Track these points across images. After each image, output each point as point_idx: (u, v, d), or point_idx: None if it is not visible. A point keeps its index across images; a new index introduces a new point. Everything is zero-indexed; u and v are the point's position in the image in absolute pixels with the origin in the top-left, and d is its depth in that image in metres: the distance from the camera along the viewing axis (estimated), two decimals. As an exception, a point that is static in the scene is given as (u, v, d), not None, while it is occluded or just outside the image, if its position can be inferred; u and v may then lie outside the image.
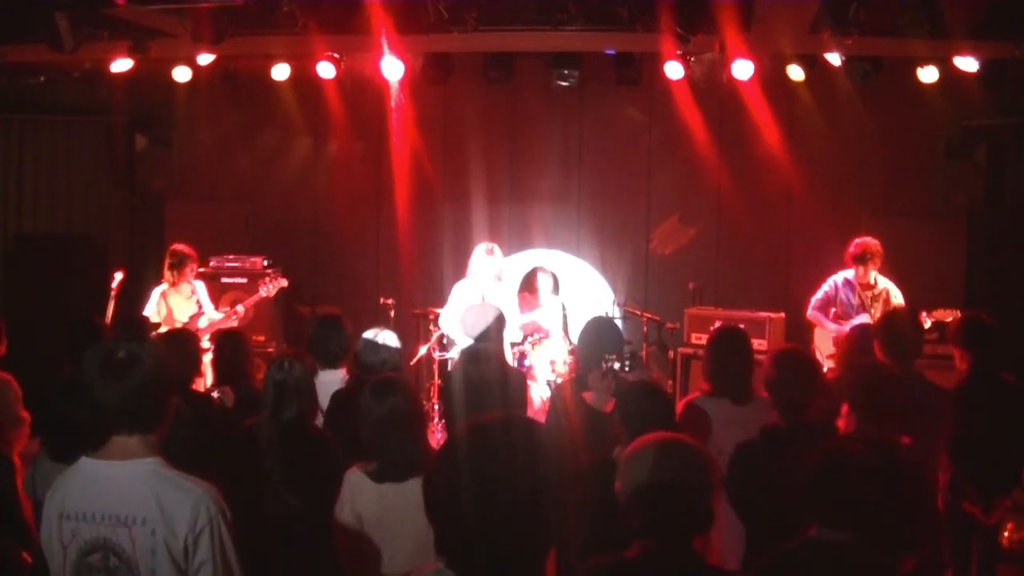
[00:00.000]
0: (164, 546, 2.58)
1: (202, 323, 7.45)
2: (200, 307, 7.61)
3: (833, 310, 7.51)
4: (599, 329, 5.07)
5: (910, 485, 3.76)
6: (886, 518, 3.00)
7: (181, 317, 7.48)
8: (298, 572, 3.68)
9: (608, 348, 4.88)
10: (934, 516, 3.93)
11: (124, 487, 2.63)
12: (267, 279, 7.78)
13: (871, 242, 7.37)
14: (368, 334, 4.95)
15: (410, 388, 3.82)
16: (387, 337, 4.92)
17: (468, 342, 5.45)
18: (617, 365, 4.52)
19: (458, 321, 5.96)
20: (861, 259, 7.31)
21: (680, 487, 2.61)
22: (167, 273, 7.62)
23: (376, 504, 3.61)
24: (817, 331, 7.66)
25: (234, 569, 2.70)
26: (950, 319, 6.81)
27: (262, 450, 3.81)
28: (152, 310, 7.50)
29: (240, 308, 7.57)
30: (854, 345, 5.16)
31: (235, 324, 7.40)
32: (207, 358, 7.09)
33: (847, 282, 7.47)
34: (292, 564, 3.65)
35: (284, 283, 7.82)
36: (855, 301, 7.40)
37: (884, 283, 7.42)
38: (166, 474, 2.66)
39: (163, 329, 6.86)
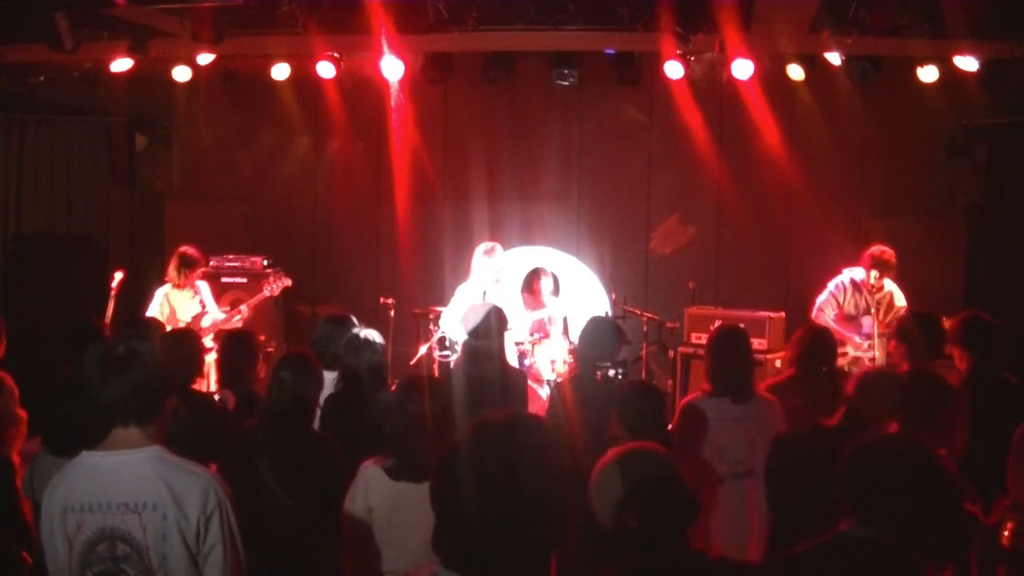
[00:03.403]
0: (176, 529, 2.60)
1: (205, 323, 7.45)
2: (204, 307, 7.60)
3: (835, 312, 7.48)
4: (596, 330, 5.10)
5: (946, 492, 3.76)
6: (919, 519, 2.98)
7: (184, 317, 7.48)
8: (292, 571, 3.68)
9: (604, 351, 4.92)
10: (968, 528, 3.92)
11: (130, 475, 2.65)
12: (271, 278, 7.75)
13: (889, 252, 7.33)
14: (349, 335, 4.89)
15: (444, 392, 3.81)
16: (371, 337, 4.86)
17: (464, 339, 5.45)
18: (612, 373, 4.59)
19: (460, 319, 5.96)
20: (878, 266, 7.26)
21: (656, 482, 2.65)
22: (173, 274, 7.58)
23: (389, 500, 3.62)
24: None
25: (241, 553, 2.73)
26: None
27: (259, 447, 3.80)
28: (156, 310, 7.49)
29: (244, 308, 7.56)
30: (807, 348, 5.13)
31: (239, 324, 7.38)
32: (209, 358, 7.12)
33: (854, 283, 7.43)
34: (286, 563, 3.64)
35: (288, 283, 7.79)
36: (861, 303, 7.38)
37: (889, 285, 7.40)
38: (171, 460, 2.69)
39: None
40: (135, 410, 2.69)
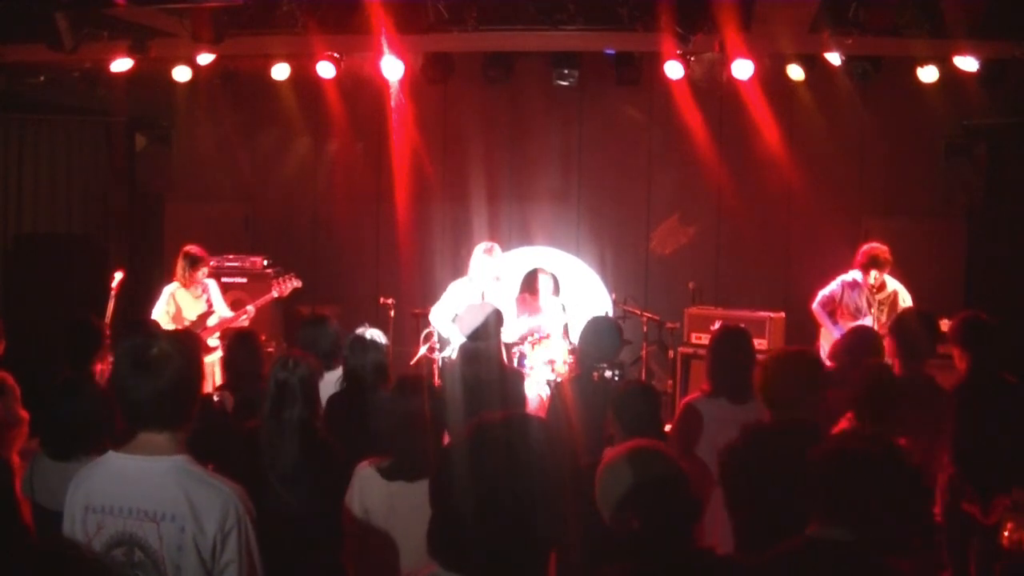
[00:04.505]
0: (192, 543, 2.58)
1: (211, 321, 7.46)
2: (210, 306, 7.60)
3: (832, 307, 7.48)
4: (597, 331, 5.10)
5: (911, 487, 3.75)
6: (887, 518, 2.98)
7: (190, 316, 7.48)
8: (296, 573, 3.67)
9: (604, 351, 4.92)
10: (932, 521, 3.92)
11: (153, 483, 2.62)
12: (280, 280, 7.72)
13: (880, 248, 7.32)
14: (354, 335, 4.90)
15: (435, 391, 3.81)
16: (375, 337, 4.88)
17: (462, 340, 5.45)
18: (608, 374, 4.59)
19: (456, 320, 5.95)
20: (869, 266, 7.26)
21: (663, 480, 2.65)
22: (179, 272, 7.58)
23: (384, 502, 3.62)
24: (823, 330, 7.63)
25: (258, 570, 2.70)
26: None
27: (261, 449, 3.80)
28: (162, 308, 7.48)
29: (251, 308, 7.56)
30: (857, 347, 5.17)
31: (245, 324, 7.38)
32: (214, 357, 7.12)
33: (855, 283, 7.42)
34: (290, 565, 3.64)
35: (298, 284, 7.74)
36: (863, 303, 7.36)
37: (893, 285, 7.39)
38: (195, 471, 2.66)
39: (169, 328, 6.85)
40: (166, 414, 2.65)
